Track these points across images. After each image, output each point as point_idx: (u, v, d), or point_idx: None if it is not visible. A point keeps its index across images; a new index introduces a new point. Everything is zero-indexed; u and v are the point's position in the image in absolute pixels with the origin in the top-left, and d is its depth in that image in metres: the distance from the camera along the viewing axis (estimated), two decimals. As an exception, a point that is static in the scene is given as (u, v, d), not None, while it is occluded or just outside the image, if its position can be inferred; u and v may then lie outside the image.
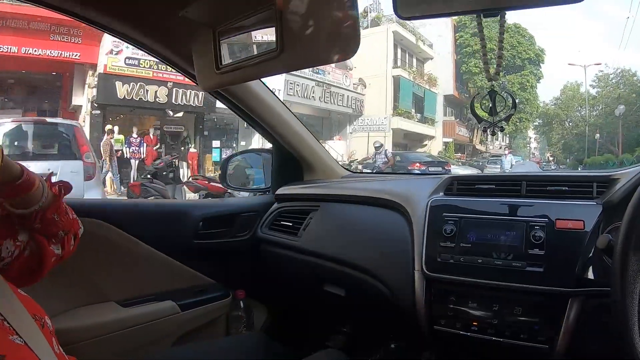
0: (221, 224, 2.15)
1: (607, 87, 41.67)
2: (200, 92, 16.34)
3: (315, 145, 2.30)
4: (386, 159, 17.56)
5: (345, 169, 2.44)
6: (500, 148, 46.87)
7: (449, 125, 37.52)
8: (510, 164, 25.22)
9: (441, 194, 1.61)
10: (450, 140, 36.49)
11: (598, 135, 38.64)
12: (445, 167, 19.22)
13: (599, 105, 42.89)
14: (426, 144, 34.03)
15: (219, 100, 1.98)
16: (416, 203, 1.61)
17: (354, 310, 2.05)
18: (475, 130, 39.49)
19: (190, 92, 17.00)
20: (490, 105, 1.14)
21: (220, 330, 2.15)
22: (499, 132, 1.17)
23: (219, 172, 2.56)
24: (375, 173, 3.29)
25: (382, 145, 17.77)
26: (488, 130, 1.17)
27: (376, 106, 27.88)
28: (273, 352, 1.74)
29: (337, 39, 0.88)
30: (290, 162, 2.32)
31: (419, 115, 32.64)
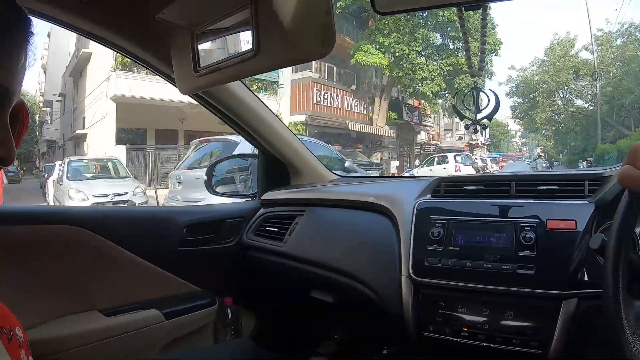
0: (206, 230, 2.13)
1: (610, 49, 31.89)
2: None
3: (301, 148, 2.28)
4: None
5: (332, 172, 2.41)
6: (460, 139, 39.81)
7: (301, 88, 23.68)
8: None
9: (428, 196, 1.58)
10: (303, 117, 23.21)
11: (604, 107, 29.58)
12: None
13: (601, 71, 31.89)
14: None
15: (202, 105, 1.96)
16: (402, 206, 1.58)
17: (343, 316, 2.03)
18: (379, 101, 27.01)
19: None
20: (473, 102, 1.11)
21: (207, 338, 2.12)
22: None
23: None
24: (363, 177, 3.28)
25: None
26: (471, 128, 1.14)
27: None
28: (262, 359, 1.71)
29: (312, 38, 0.87)
30: (276, 166, 2.30)
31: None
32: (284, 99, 23.46)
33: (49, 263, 1.68)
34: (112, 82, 18.76)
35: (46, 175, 17.82)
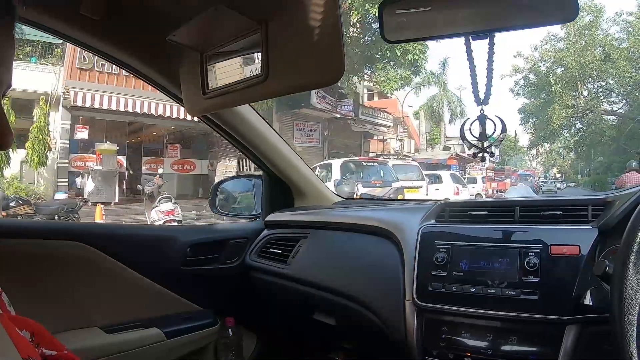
0: (210, 250, 2.13)
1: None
2: None
3: (306, 171, 2.30)
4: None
5: (336, 195, 2.41)
6: (447, 149, 31.70)
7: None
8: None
9: (433, 221, 1.58)
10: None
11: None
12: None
13: (632, 61, 24.54)
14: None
15: (209, 125, 1.97)
16: (407, 231, 1.59)
17: (345, 339, 2.02)
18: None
19: None
20: (481, 130, 1.12)
21: (208, 358, 2.12)
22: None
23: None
24: (367, 199, 3.28)
25: None
26: (479, 156, 1.15)
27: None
28: None
29: (321, 65, 0.88)
30: (280, 188, 2.31)
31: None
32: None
33: (51, 278, 1.68)
34: None
35: None
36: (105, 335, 1.75)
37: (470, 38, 0.93)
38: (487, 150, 1.15)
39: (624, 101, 27.15)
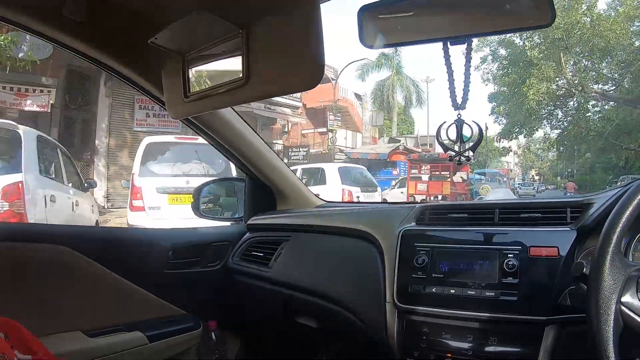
0: (192, 253, 2.12)
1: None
2: None
3: (289, 174, 2.30)
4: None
5: (319, 198, 2.42)
6: (395, 142, 26.70)
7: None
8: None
9: (413, 223, 1.60)
10: None
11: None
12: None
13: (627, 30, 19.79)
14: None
15: (191, 129, 1.96)
16: (387, 233, 1.59)
17: (327, 341, 2.03)
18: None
19: None
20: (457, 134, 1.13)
21: (191, 362, 2.10)
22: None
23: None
24: (349, 203, 3.24)
25: None
26: (455, 160, 1.16)
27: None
28: None
29: (301, 69, 0.89)
30: (263, 191, 2.31)
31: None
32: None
33: (33, 281, 1.68)
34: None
35: None
36: (87, 339, 1.74)
37: (448, 43, 0.95)
38: (463, 154, 1.16)
39: (619, 79, 21.93)
